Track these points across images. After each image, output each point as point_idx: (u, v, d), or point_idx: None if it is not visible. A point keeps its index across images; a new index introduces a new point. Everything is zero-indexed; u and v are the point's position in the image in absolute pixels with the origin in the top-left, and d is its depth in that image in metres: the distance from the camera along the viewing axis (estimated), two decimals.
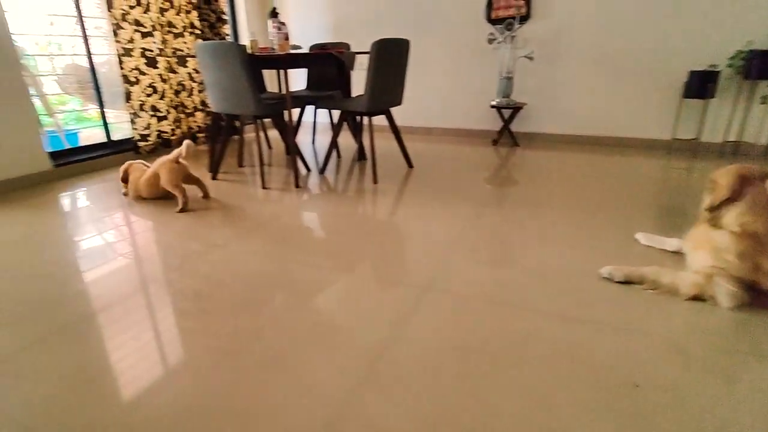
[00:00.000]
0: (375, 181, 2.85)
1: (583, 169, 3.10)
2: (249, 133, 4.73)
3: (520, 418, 1.00)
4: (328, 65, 2.88)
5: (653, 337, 1.29)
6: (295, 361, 1.20)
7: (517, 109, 3.81)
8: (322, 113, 5.07)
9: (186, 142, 2.49)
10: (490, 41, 3.81)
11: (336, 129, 3.04)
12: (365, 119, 4.01)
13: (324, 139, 4.31)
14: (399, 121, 4.59)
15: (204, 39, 4.11)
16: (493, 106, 3.86)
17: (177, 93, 3.94)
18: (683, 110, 3.51)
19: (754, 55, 3.11)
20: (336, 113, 4.78)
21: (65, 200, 2.65)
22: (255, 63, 2.64)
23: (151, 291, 1.59)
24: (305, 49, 3.49)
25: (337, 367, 1.17)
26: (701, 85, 3.26)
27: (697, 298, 1.45)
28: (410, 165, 3.21)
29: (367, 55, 2.64)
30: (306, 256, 1.84)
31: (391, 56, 2.73)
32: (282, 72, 2.65)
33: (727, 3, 3.19)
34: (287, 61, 2.59)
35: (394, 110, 4.57)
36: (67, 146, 3.46)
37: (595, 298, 1.49)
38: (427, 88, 4.41)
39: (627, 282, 1.57)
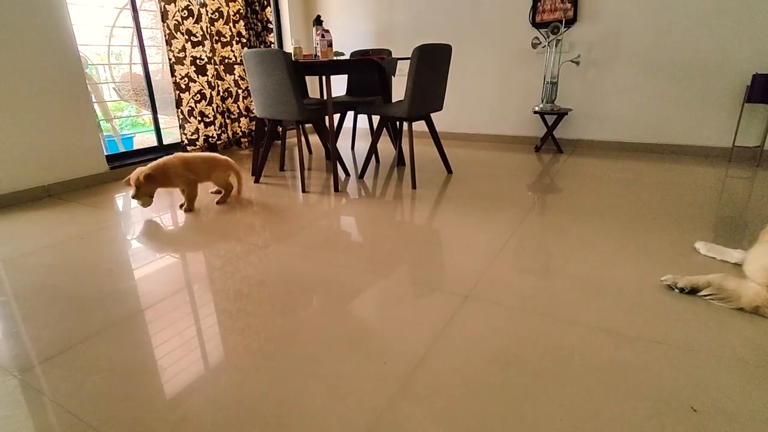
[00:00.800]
0: (414, 186, 2.84)
1: (632, 177, 2.96)
2: (290, 138, 4.84)
3: None
4: (368, 71, 2.90)
5: (713, 357, 1.20)
6: (332, 367, 1.20)
7: (561, 115, 3.70)
8: (362, 119, 5.12)
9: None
10: (535, 46, 3.72)
11: (375, 134, 3.05)
12: (405, 125, 4.01)
13: (363, 145, 4.34)
14: (440, 127, 4.56)
15: (250, 47, 4.24)
16: (536, 112, 3.76)
17: (224, 99, 4.08)
18: (745, 116, 3.29)
19: None
20: (376, 119, 4.81)
21: (119, 201, 2.80)
22: (299, 69, 2.69)
23: (195, 289, 1.64)
24: (347, 56, 3.53)
25: (374, 375, 1.16)
26: (765, 89, 3.05)
27: (757, 310, 1.35)
28: (450, 171, 3.18)
29: (408, 61, 2.64)
30: (344, 259, 1.84)
31: (432, 62, 2.71)
32: (324, 78, 2.69)
33: None
34: (330, 67, 2.63)
35: (434, 116, 4.54)
36: (122, 150, 3.66)
37: (649, 313, 1.41)
38: (468, 93, 4.35)
39: (691, 291, 1.49)
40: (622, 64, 3.61)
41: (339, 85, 4.64)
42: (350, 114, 5.12)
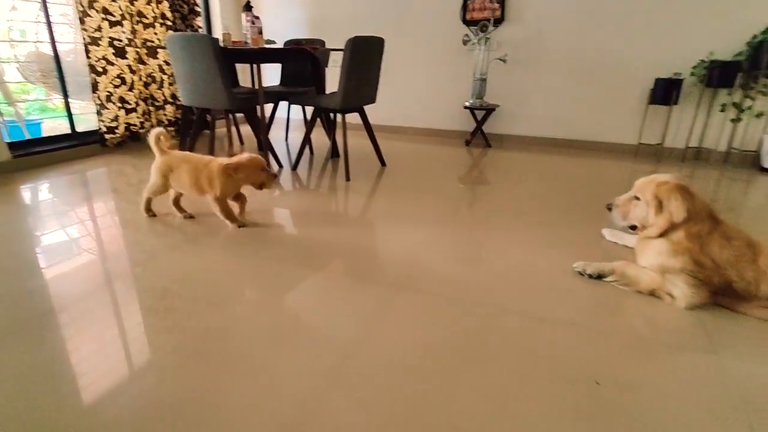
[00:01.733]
0: (348, 178, 2.85)
1: (552, 171, 3.17)
2: (221, 128, 4.65)
3: (485, 416, 1.02)
4: (302, 61, 2.86)
5: (616, 335, 1.33)
6: (261, 361, 1.19)
7: (489, 110, 3.87)
8: (296, 109, 5.03)
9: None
10: (465, 42, 3.86)
11: (309, 126, 3.02)
12: (339, 116, 4.00)
13: (297, 136, 4.28)
14: (374, 120, 4.59)
15: (175, 30, 4.01)
16: (466, 107, 3.91)
17: (147, 85, 3.84)
18: (649, 116, 3.64)
19: (714, 65, 3.24)
20: (310, 110, 4.75)
21: (26, 193, 2.55)
22: (227, 56, 2.59)
23: (116, 288, 1.55)
24: (279, 45, 3.45)
25: (304, 367, 1.17)
26: (666, 92, 3.39)
27: (653, 293, 1.52)
28: (383, 163, 3.22)
29: (341, 53, 2.63)
30: (275, 253, 1.82)
31: (365, 54, 2.73)
32: (255, 66, 2.62)
33: (692, 16, 3.32)
34: (260, 55, 2.56)
35: (368, 109, 4.56)
36: (28, 137, 3.33)
37: (563, 298, 1.53)
38: (402, 87, 4.42)
39: (598, 276, 1.63)
40: (544, 64, 3.84)
41: (273, 74, 4.53)
42: (285, 104, 5.01)
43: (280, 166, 3.17)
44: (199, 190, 2.03)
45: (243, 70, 4.83)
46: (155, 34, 3.80)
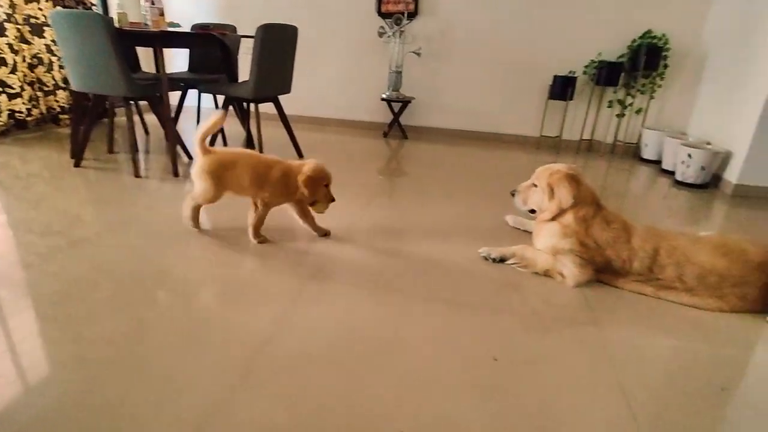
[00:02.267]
0: None
1: (464, 162, 3.33)
2: (123, 117, 4.29)
3: (395, 401, 1.06)
4: (211, 47, 2.71)
5: (515, 314, 1.44)
6: (165, 364, 1.13)
7: (406, 103, 3.96)
8: (208, 98, 4.77)
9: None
10: (381, 35, 3.90)
11: None
12: (252, 106, 3.87)
13: None
14: (291, 111, 4.48)
15: (64, 7, 3.61)
16: (383, 99, 3.96)
17: (32, 67, 3.42)
18: (549, 110, 3.94)
19: (602, 65, 3.59)
20: (222, 98, 4.53)
21: None
22: (124, 38, 2.39)
23: (2, 296, 1.38)
24: (186, 29, 3.24)
25: (212, 367, 1.13)
26: (562, 88, 3.69)
27: (547, 273, 1.67)
28: (301, 155, 3.18)
29: (252, 40, 2.54)
30: (184, 249, 1.74)
31: (277, 43, 2.66)
32: (156, 51, 2.44)
33: (584, 19, 3.63)
34: (162, 39, 2.39)
35: (285, 99, 4.45)
36: None
37: (470, 282, 1.63)
38: (319, 78, 4.37)
39: (501, 260, 1.75)
40: (455, 58, 4.00)
41: (181, 60, 4.25)
42: (196, 93, 4.72)
43: (190, 158, 3.00)
44: (256, 193, 1.80)
45: (147, 55, 4.48)
46: (40, 9, 3.39)
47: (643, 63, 3.46)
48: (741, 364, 1.28)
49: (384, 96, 3.97)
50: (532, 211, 1.85)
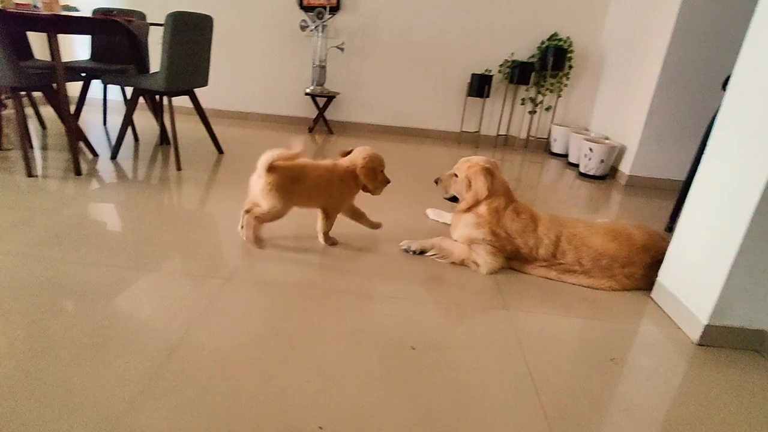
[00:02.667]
0: (178, 168, 2.63)
1: (389, 157, 3.37)
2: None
3: (311, 396, 1.06)
4: (116, 34, 2.51)
5: (433, 304, 1.50)
6: (57, 380, 1.05)
7: (330, 97, 3.94)
8: (116, 90, 4.42)
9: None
10: (303, 28, 3.84)
11: (128, 109, 2.70)
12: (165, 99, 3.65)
13: (119, 120, 3.77)
14: (210, 104, 4.29)
15: None
16: (307, 94, 3.91)
17: None
18: (468, 107, 4.12)
19: (515, 65, 3.81)
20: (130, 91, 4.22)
21: None
22: (9, 22, 2.14)
23: None
24: (86, 13, 2.98)
25: (115, 378, 1.06)
26: (480, 86, 3.87)
27: (464, 262, 1.75)
28: (220, 151, 3.05)
29: (163, 28, 2.39)
30: (84, 255, 1.61)
31: (190, 32, 2.53)
32: (50, 37, 2.21)
33: (498, 20, 3.83)
34: (53, 23, 2.18)
35: (203, 92, 4.25)
36: None
37: (392, 275, 1.66)
38: (240, 71, 4.21)
39: (421, 252, 1.81)
40: (379, 54, 4.05)
41: (83, 47, 3.89)
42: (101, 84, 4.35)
43: (95, 154, 2.77)
44: (326, 202, 1.72)
45: (41, 41, 4.04)
46: None
47: (551, 63, 3.73)
48: (627, 336, 1.44)
49: (308, 90, 3.92)
50: (454, 199, 1.93)
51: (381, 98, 4.18)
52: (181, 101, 2.91)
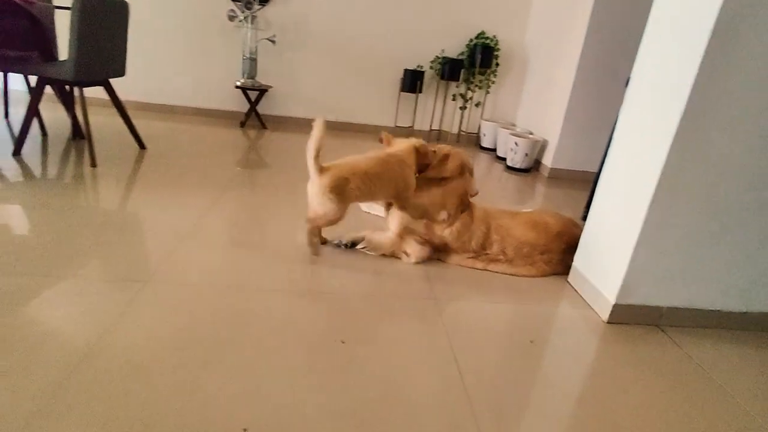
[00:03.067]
0: (93, 164, 2.44)
1: (325, 152, 3.35)
2: None
3: (236, 398, 1.03)
4: (15, 18, 2.28)
5: (361, 296, 1.52)
6: None
7: (262, 91, 3.83)
8: (18, 79, 4.01)
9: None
10: (231, 18, 3.70)
11: (33, 100, 2.46)
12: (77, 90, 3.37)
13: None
14: (133, 97, 4.02)
15: None
16: (238, 87, 3.78)
17: None
18: (401, 102, 4.18)
19: (446, 62, 3.92)
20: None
21: None
22: None
23: None
24: None
25: (9, 398, 0.97)
26: (412, 81, 3.93)
27: (394, 253, 1.79)
28: (142, 146, 2.87)
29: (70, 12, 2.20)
30: None
31: (102, 17, 2.35)
32: None
33: (428, 16, 3.91)
34: None
35: (124, 83, 3.97)
36: None
37: (321, 269, 1.65)
38: (164, 61, 3.97)
39: (352, 245, 1.82)
40: (311, 48, 3.99)
41: None
42: None
43: None
44: (398, 194, 1.61)
45: None
46: None
47: (479, 61, 3.87)
48: (546, 319, 1.53)
49: (238, 83, 3.78)
50: None
51: (315, 92, 4.13)
52: (97, 92, 2.70)
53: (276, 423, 0.97)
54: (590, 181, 2.68)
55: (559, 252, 1.79)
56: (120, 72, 2.67)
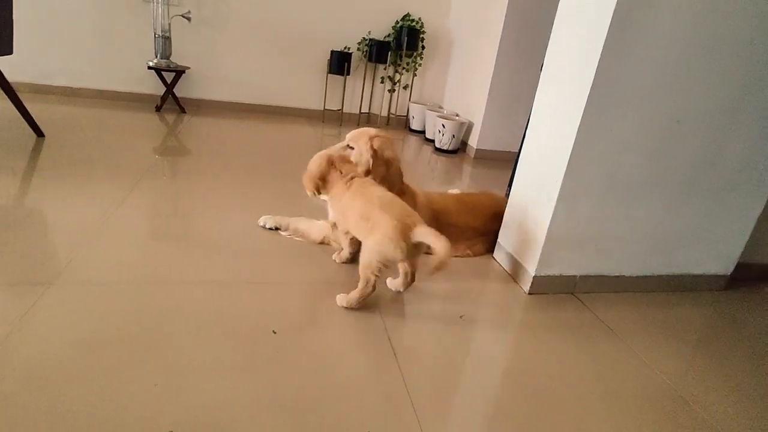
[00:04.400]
0: None
1: (250, 136, 3.23)
2: None
3: (160, 398, 0.97)
4: None
5: (292, 285, 1.49)
6: None
7: (179, 72, 3.58)
8: None
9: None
10: None
11: None
12: None
13: None
14: (27, 78, 3.58)
15: None
16: (150, 68, 3.50)
17: None
18: (329, 84, 4.10)
19: (373, 43, 3.89)
20: None
21: None
22: None
23: None
24: None
25: None
26: (340, 63, 3.87)
27: (324, 241, 1.77)
28: (40, 134, 2.58)
29: None
30: None
31: None
32: None
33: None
34: None
35: (13, 63, 3.52)
36: None
37: (252, 259, 1.60)
38: (64, 39, 3.57)
39: (277, 229, 1.78)
40: (231, 26, 3.77)
41: None
42: None
43: None
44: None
45: None
46: None
47: (405, 43, 3.88)
48: (474, 294, 1.61)
49: (151, 64, 3.50)
50: None
51: (238, 74, 3.93)
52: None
53: (206, 420, 0.93)
54: (513, 161, 2.82)
55: (495, 232, 1.87)
56: (6, 50, 2.36)
